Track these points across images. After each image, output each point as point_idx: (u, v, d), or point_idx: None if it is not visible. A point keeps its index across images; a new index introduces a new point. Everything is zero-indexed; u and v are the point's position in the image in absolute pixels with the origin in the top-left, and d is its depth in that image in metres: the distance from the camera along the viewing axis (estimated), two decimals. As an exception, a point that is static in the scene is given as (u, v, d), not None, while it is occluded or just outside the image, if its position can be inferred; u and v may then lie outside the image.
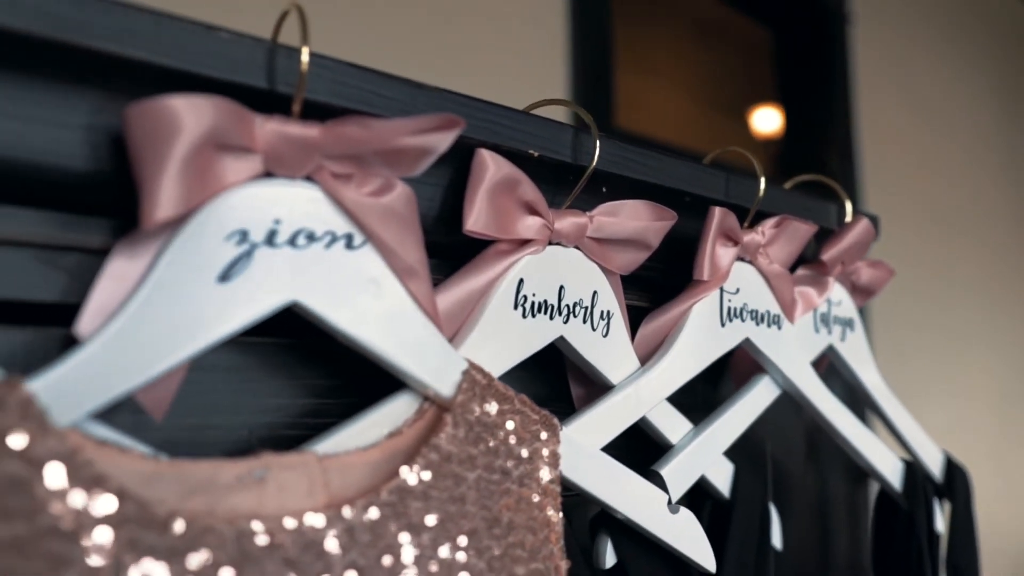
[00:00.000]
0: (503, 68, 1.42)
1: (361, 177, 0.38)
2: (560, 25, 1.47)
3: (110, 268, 0.34)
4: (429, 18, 1.37)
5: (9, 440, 0.28)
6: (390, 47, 1.33)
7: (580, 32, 1.42)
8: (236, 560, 0.31)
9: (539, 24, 1.47)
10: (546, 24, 1.48)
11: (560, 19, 1.48)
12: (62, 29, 0.32)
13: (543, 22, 1.47)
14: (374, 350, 0.38)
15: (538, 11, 1.48)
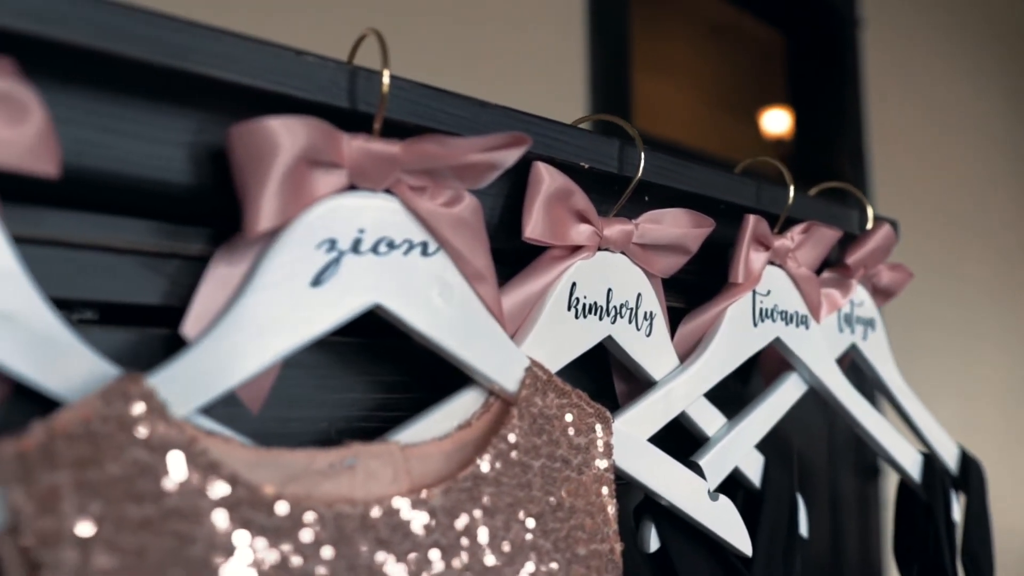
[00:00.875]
0: (523, 73, 1.45)
1: (434, 189, 0.41)
2: (579, 31, 1.51)
3: (211, 273, 0.37)
4: (450, 24, 1.40)
5: (136, 430, 0.32)
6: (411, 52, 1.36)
7: (598, 38, 1.45)
8: (334, 539, 0.34)
9: (558, 30, 1.50)
10: (565, 30, 1.51)
11: (579, 25, 1.51)
12: (171, 55, 0.35)
13: (562, 28, 1.51)
14: (447, 349, 0.41)
15: (557, 17, 1.51)
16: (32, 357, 0.32)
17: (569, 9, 1.52)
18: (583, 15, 1.51)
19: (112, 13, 0.33)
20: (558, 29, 1.51)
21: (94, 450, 0.31)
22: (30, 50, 0.32)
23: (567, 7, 1.52)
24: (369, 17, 1.29)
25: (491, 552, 0.38)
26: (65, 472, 0.30)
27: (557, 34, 1.50)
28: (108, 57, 0.34)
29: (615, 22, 1.50)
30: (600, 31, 1.46)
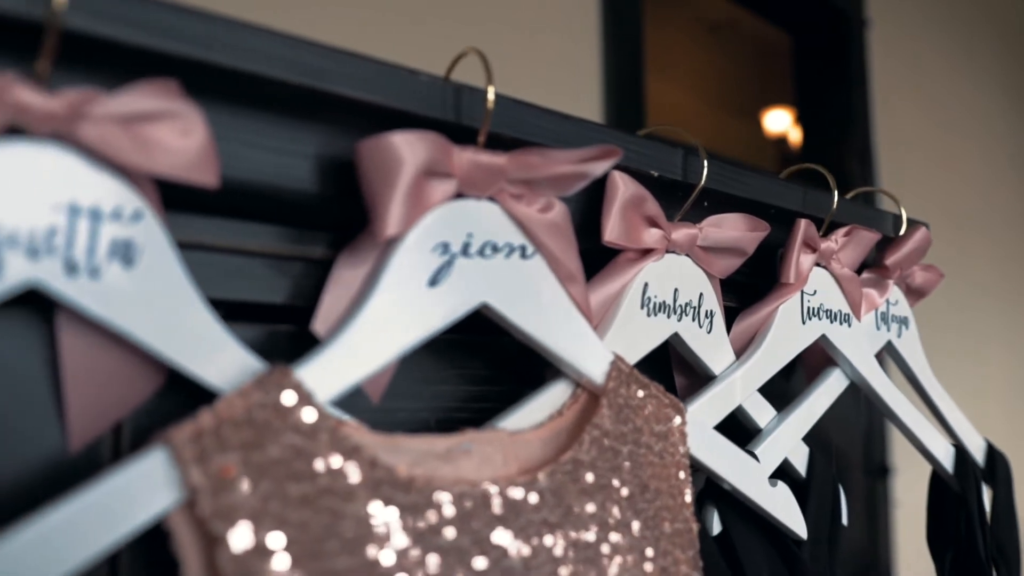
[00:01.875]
0: (539, 76, 1.49)
1: (530, 196, 0.45)
2: (593, 35, 1.54)
3: (335, 276, 0.41)
4: (466, 28, 1.43)
5: (290, 417, 0.35)
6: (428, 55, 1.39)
7: (612, 42, 1.49)
8: (458, 516, 0.38)
9: (573, 34, 1.54)
10: (580, 34, 1.54)
11: (593, 29, 1.55)
12: (307, 75, 0.38)
13: (577, 32, 1.54)
14: (543, 344, 0.45)
15: (572, 22, 1.54)
16: (192, 350, 0.35)
17: (584, 14, 1.56)
18: (597, 20, 1.54)
19: (259, 37, 0.37)
20: (573, 33, 1.54)
21: (256, 434, 0.34)
22: (187, 71, 0.35)
23: (582, 12, 1.56)
24: (383, 19, 1.32)
25: (592, 528, 0.42)
26: (235, 454, 0.33)
27: (572, 38, 1.54)
28: (252, 77, 0.37)
29: (628, 26, 1.53)
30: (614, 35, 1.50)
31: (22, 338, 0.35)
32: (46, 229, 0.32)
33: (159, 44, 0.34)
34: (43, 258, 0.32)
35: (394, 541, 0.36)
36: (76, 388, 0.35)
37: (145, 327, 0.34)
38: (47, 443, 0.35)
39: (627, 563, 0.42)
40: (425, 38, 1.37)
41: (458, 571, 0.37)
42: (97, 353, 0.35)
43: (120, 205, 0.33)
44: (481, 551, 0.38)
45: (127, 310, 0.34)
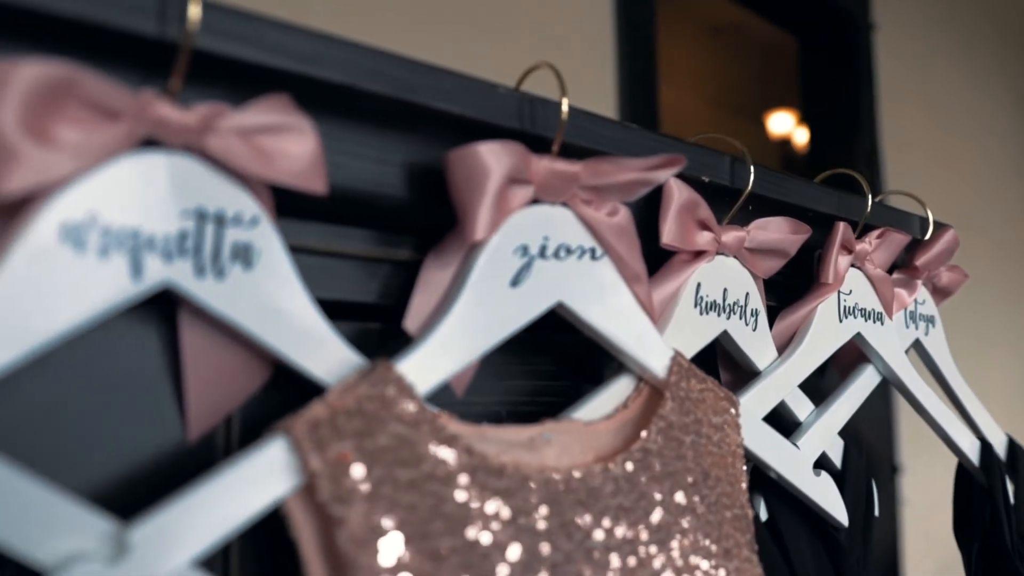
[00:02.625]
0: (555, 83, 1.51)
1: (598, 202, 0.47)
2: (608, 42, 1.57)
3: (424, 277, 0.43)
4: (482, 34, 1.46)
5: (395, 408, 0.38)
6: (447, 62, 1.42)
7: (627, 50, 1.52)
8: (547, 499, 0.41)
9: (588, 41, 1.57)
10: (595, 42, 1.57)
11: (608, 37, 1.58)
12: (403, 90, 0.41)
13: (592, 40, 1.57)
14: (612, 341, 0.47)
15: (587, 31, 1.57)
16: (302, 346, 0.38)
17: (599, 23, 1.59)
18: (612, 29, 1.58)
19: (361, 54, 0.39)
20: (589, 42, 1.57)
21: (367, 424, 0.37)
22: (298, 86, 0.38)
23: (597, 22, 1.59)
24: (400, 27, 1.34)
25: (662, 512, 0.45)
26: (349, 442, 0.36)
27: (588, 46, 1.57)
28: (354, 91, 0.40)
29: (642, 34, 1.56)
30: (629, 44, 1.52)
31: (146, 338, 0.37)
32: (178, 233, 0.34)
33: (274, 61, 0.37)
34: (176, 260, 0.34)
35: (490, 523, 0.38)
36: (195, 383, 0.38)
37: (262, 324, 0.37)
38: (168, 434, 0.38)
39: (694, 544, 0.45)
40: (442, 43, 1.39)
41: (548, 550, 0.40)
42: (214, 350, 0.38)
43: (241, 211, 0.36)
44: (566, 533, 0.41)
45: (247, 309, 0.36)
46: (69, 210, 0.32)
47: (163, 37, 0.34)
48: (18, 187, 0.30)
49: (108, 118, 0.32)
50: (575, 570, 0.40)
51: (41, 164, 0.30)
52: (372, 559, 0.35)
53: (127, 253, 0.33)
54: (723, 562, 0.46)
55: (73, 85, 0.31)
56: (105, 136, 0.32)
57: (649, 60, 1.55)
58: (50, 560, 0.32)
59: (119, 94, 0.32)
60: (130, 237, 0.33)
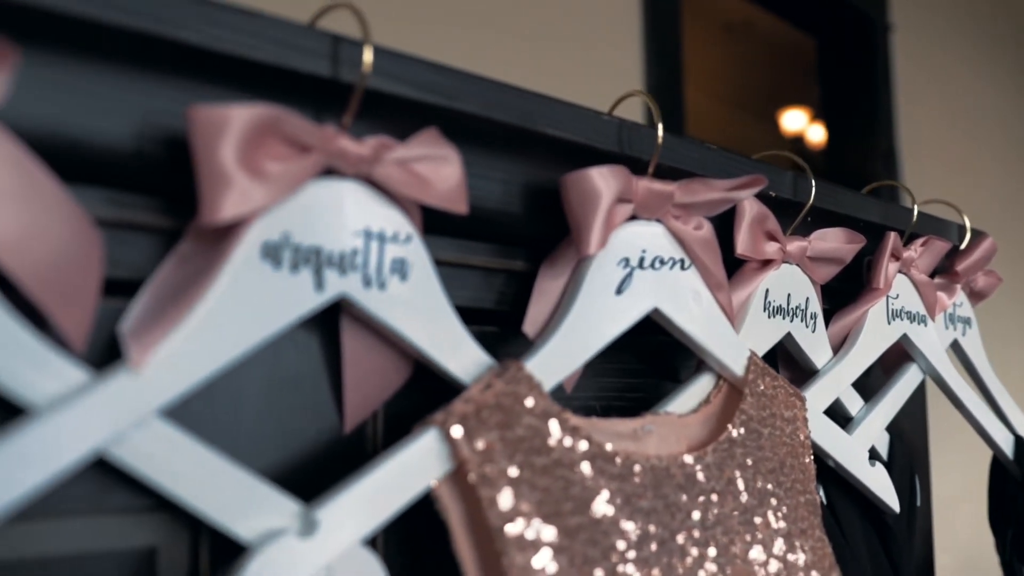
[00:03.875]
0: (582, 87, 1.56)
1: (685, 217, 0.52)
2: (635, 48, 1.62)
3: (539, 286, 0.49)
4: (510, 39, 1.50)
5: (527, 403, 0.43)
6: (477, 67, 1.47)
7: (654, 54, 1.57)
8: (652, 483, 0.46)
9: (616, 47, 1.62)
10: (623, 47, 1.62)
11: (635, 43, 1.63)
12: (522, 118, 0.46)
13: (619, 46, 1.62)
14: (699, 342, 0.53)
15: (615, 36, 1.62)
16: (445, 348, 0.43)
17: (627, 28, 1.64)
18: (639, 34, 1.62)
19: (493, 89, 0.45)
20: (616, 47, 1.62)
21: (505, 417, 0.42)
22: (439, 118, 0.43)
23: (625, 26, 1.64)
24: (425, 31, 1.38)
25: (747, 496, 0.50)
26: (493, 432, 0.41)
27: (615, 51, 1.62)
28: (487, 121, 0.45)
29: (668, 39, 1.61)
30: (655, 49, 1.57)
31: (309, 342, 0.43)
32: (350, 250, 0.39)
33: (424, 96, 0.42)
34: (349, 274, 0.39)
35: (610, 502, 0.44)
36: (352, 381, 0.43)
37: (414, 329, 0.42)
38: (328, 426, 0.43)
39: (776, 525, 0.50)
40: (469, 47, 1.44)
41: (655, 527, 0.45)
42: (369, 352, 0.43)
43: (398, 230, 0.41)
44: (669, 513, 0.46)
45: (403, 316, 0.41)
46: (269, 231, 0.37)
47: (336, 78, 0.39)
48: (231, 215, 0.35)
49: (301, 151, 0.37)
50: (678, 545, 0.46)
51: (251, 193, 0.35)
52: (518, 534, 0.40)
53: (312, 268, 0.38)
54: (800, 541, 0.51)
55: (277, 124, 0.36)
56: (299, 167, 0.37)
57: (675, 66, 1.60)
58: (250, 535, 0.37)
59: (311, 130, 0.37)
60: (314, 254, 0.38)
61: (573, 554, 0.41)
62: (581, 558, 0.41)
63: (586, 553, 0.42)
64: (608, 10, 1.64)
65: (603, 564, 0.42)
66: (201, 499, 0.36)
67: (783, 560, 0.50)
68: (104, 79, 0.35)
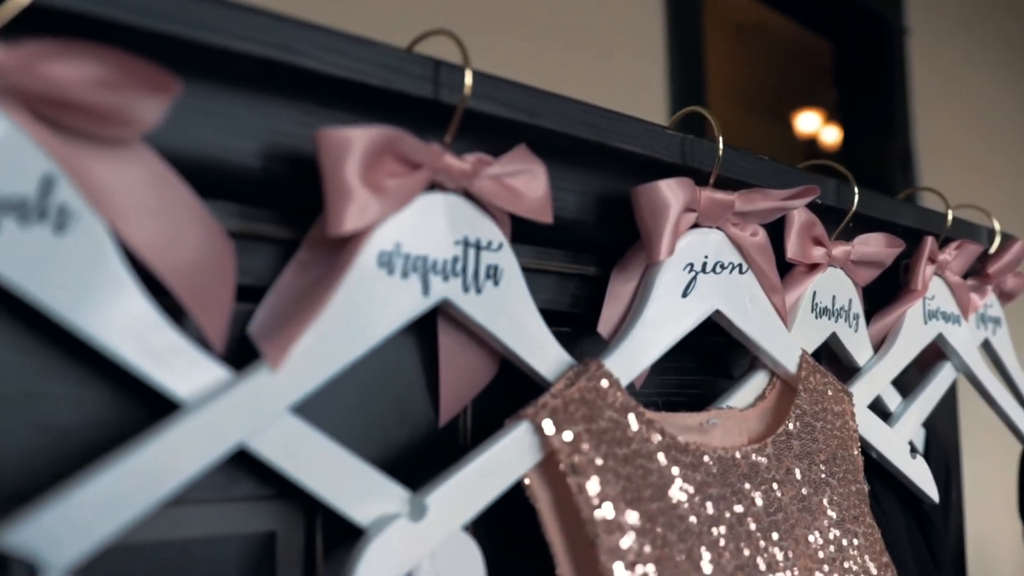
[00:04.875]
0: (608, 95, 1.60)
1: (743, 224, 0.56)
2: (659, 55, 1.66)
3: (612, 289, 0.52)
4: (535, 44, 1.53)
5: (608, 398, 0.46)
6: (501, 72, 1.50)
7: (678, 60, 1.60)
8: (720, 472, 0.49)
9: (639, 53, 1.65)
10: (646, 54, 1.66)
11: (659, 49, 1.66)
12: (604, 136, 0.49)
13: (644, 52, 1.66)
14: (756, 342, 0.56)
15: (639, 43, 1.66)
16: (530, 346, 0.47)
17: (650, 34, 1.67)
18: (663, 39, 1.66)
19: (572, 107, 0.48)
20: (639, 52, 1.66)
21: (589, 411, 0.45)
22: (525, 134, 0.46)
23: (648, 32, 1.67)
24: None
25: (804, 484, 0.53)
26: (580, 425, 0.45)
27: (639, 57, 1.65)
28: (560, 135, 0.48)
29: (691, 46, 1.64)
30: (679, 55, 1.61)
31: (407, 343, 0.46)
32: (452, 258, 0.43)
33: (512, 115, 0.45)
34: (450, 279, 0.43)
35: (683, 489, 0.47)
36: (447, 378, 0.46)
37: (505, 330, 0.45)
38: (424, 419, 0.46)
39: (830, 512, 0.54)
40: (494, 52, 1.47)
41: (724, 512, 0.48)
42: (462, 351, 0.46)
43: (491, 239, 0.45)
44: (736, 499, 0.49)
45: (496, 317, 0.45)
46: (383, 242, 0.40)
47: (437, 99, 0.43)
48: (353, 227, 0.38)
49: (412, 168, 0.40)
50: (745, 529, 0.49)
51: (370, 207, 0.39)
52: (606, 518, 0.43)
53: (420, 275, 0.42)
54: (853, 527, 0.55)
55: (393, 143, 0.39)
56: (410, 182, 0.40)
57: (698, 74, 1.63)
58: (365, 520, 0.40)
59: (421, 148, 0.40)
60: (421, 262, 0.42)
61: (654, 536, 0.45)
62: (661, 540, 0.45)
63: (665, 536, 0.45)
64: (631, 20, 1.67)
65: (680, 546, 0.45)
66: (324, 486, 0.39)
67: (838, 544, 0.53)
68: (235, 102, 0.39)
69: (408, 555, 0.40)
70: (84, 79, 0.32)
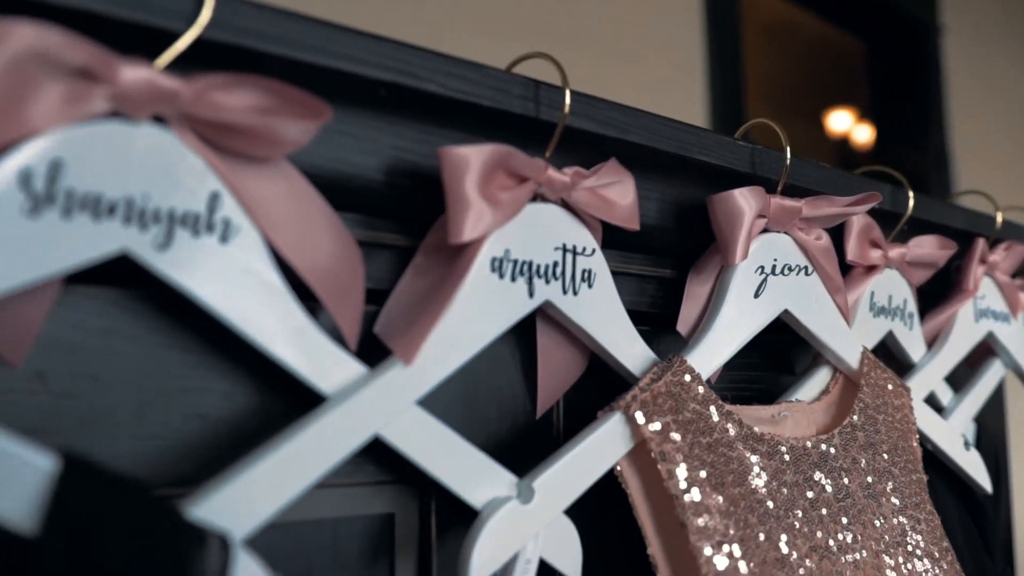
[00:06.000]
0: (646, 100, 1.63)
1: (808, 229, 0.59)
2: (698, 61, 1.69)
3: (689, 290, 0.56)
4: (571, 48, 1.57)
5: (692, 391, 0.50)
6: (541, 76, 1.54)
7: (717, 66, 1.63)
8: (794, 461, 0.53)
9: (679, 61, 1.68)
10: (685, 61, 1.69)
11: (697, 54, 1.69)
12: (681, 148, 0.53)
13: (682, 59, 1.69)
14: (821, 339, 0.59)
15: (678, 49, 1.69)
16: (620, 344, 0.50)
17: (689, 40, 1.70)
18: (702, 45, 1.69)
19: (656, 122, 0.52)
20: (678, 58, 1.69)
21: (676, 403, 0.49)
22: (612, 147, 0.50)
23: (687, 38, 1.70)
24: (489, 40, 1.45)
25: (869, 473, 0.57)
26: (667, 416, 0.48)
27: (678, 65, 1.68)
28: (651, 150, 0.52)
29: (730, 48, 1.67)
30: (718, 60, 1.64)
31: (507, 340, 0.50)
32: (552, 263, 0.47)
33: (603, 130, 0.49)
34: (551, 283, 0.47)
35: (761, 476, 0.51)
36: (544, 373, 0.50)
37: (598, 329, 0.49)
38: (522, 411, 0.50)
39: (893, 499, 0.57)
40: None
41: (798, 497, 0.52)
42: (557, 348, 0.50)
43: (586, 245, 0.48)
44: (808, 486, 0.53)
45: (589, 317, 0.49)
46: (495, 249, 0.44)
47: (538, 117, 0.46)
48: (471, 236, 0.42)
49: (520, 181, 0.44)
50: (817, 513, 0.53)
51: (486, 218, 0.43)
52: (694, 501, 0.47)
53: (526, 279, 0.45)
54: (915, 513, 0.58)
55: (505, 159, 0.43)
56: (519, 194, 0.44)
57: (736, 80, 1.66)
58: (479, 502, 0.44)
59: (529, 163, 0.44)
60: (527, 267, 0.45)
61: (738, 519, 0.48)
62: (743, 522, 0.48)
63: (747, 518, 0.49)
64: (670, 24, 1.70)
65: (761, 528, 0.49)
66: (444, 472, 0.43)
67: (902, 529, 0.57)
68: (365, 124, 0.43)
69: (517, 535, 0.44)
70: (247, 106, 0.36)
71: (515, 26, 1.49)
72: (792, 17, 2.40)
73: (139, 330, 0.39)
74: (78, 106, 0.33)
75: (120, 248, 0.34)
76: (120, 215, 0.34)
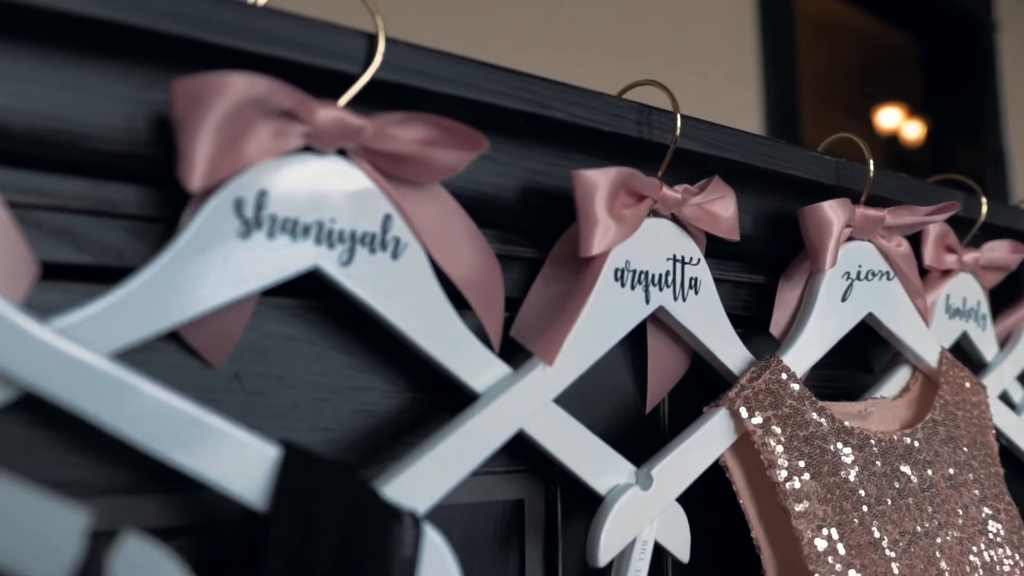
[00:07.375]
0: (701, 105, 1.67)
1: (889, 236, 0.63)
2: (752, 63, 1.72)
3: (780, 296, 0.60)
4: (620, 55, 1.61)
5: (788, 388, 0.55)
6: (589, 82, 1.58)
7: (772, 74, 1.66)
8: (881, 454, 0.57)
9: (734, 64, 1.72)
10: (740, 63, 1.72)
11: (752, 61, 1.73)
12: (773, 162, 0.58)
13: (737, 61, 1.72)
14: (902, 340, 0.64)
15: (732, 52, 1.72)
16: (722, 345, 0.55)
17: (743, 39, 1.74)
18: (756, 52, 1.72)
19: (752, 140, 0.56)
20: (733, 58, 1.72)
21: (775, 399, 0.54)
22: (714, 165, 0.55)
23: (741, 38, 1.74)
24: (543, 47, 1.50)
25: (951, 465, 0.61)
26: (768, 411, 0.53)
27: (733, 63, 1.72)
28: (747, 166, 0.56)
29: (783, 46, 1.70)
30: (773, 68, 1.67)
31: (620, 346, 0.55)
32: (664, 272, 0.52)
33: (704, 149, 0.54)
34: (664, 290, 0.52)
35: (852, 467, 0.55)
36: (654, 372, 0.55)
37: (703, 331, 0.54)
38: (633, 407, 0.55)
39: (974, 490, 0.61)
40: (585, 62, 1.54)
41: (886, 488, 0.56)
42: (666, 349, 0.55)
43: (692, 255, 0.53)
44: (895, 477, 0.57)
45: (697, 320, 0.54)
46: (617, 260, 0.49)
47: (650, 139, 0.51)
48: (599, 250, 0.47)
49: (639, 200, 0.49)
50: (904, 503, 0.57)
51: (611, 233, 0.47)
52: (795, 488, 0.52)
53: (643, 287, 0.50)
54: (995, 503, 0.62)
55: (627, 180, 0.48)
56: (639, 211, 0.49)
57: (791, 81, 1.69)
58: (603, 489, 0.49)
59: (647, 183, 0.49)
60: (644, 276, 0.50)
61: (834, 505, 0.53)
62: (839, 509, 0.53)
63: (842, 505, 0.53)
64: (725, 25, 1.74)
65: (855, 514, 0.53)
66: (575, 462, 0.48)
67: (983, 519, 0.61)
68: (504, 150, 0.48)
69: (638, 520, 0.49)
70: (416, 139, 0.41)
71: (572, 34, 1.54)
72: (840, 13, 2.42)
73: (313, 335, 0.44)
74: (281, 142, 0.39)
75: (312, 265, 0.40)
76: (312, 236, 0.39)
